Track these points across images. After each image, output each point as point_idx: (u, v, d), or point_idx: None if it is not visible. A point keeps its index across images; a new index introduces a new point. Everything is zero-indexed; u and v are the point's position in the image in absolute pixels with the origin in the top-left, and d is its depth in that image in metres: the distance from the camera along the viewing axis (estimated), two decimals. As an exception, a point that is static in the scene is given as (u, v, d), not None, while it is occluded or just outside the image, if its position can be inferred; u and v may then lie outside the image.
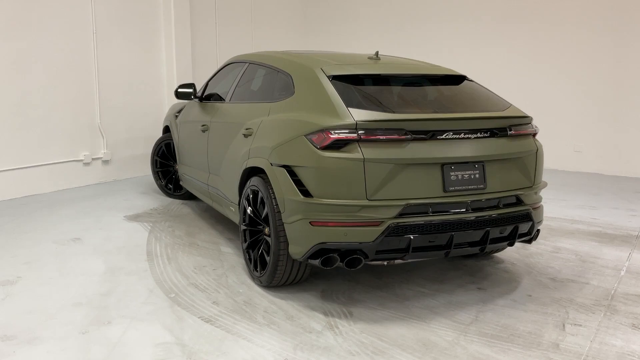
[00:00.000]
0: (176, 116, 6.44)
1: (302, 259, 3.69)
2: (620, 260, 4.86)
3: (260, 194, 4.03)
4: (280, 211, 3.77)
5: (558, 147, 9.22)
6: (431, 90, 4.23)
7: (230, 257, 4.79)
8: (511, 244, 3.95)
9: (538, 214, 4.05)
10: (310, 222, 3.57)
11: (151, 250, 4.93)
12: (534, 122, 4.17)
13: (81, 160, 7.49)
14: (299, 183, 3.64)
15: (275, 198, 3.82)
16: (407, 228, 3.51)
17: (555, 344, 3.36)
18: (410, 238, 3.51)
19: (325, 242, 3.54)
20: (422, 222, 3.53)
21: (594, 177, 8.70)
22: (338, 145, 3.50)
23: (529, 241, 4.10)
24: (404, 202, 3.51)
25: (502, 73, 9.55)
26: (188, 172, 6.02)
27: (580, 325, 3.61)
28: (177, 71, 8.48)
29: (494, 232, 3.75)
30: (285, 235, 3.77)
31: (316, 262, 3.61)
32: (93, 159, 7.64)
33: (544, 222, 5.88)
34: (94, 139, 7.65)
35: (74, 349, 3.22)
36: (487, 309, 3.85)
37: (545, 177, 8.34)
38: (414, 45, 10.28)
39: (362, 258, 3.56)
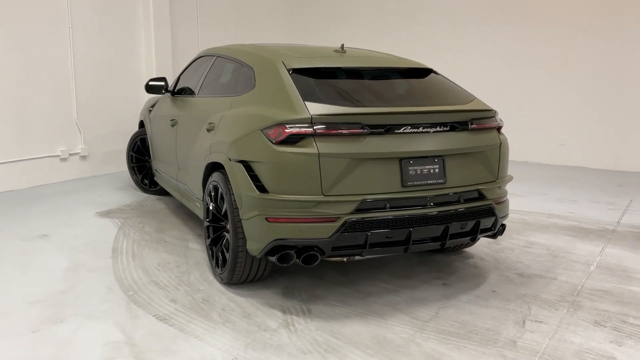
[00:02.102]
0: (150, 110, 6.37)
1: (259, 256, 3.63)
2: (592, 255, 4.81)
3: (220, 190, 3.97)
4: (238, 207, 3.71)
5: (542, 141, 9.16)
6: (394, 84, 4.16)
7: (196, 253, 4.73)
8: (473, 239, 3.89)
9: (502, 208, 3.98)
10: (266, 218, 3.50)
11: (117, 247, 4.87)
12: (499, 116, 4.11)
13: (58, 156, 7.41)
14: (255, 178, 3.57)
15: (233, 194, 3.76)
16: (364, 224, 3.45)
17: (512, 341, 3.30)
18: (367, 234, 3.45)
19: (281, 239, 3.48)
20: (379, 218, 3.47)
21: (578, 170, 8.63)
22: (294, 139, 3.44)
23: (494, 236, 4.05)
24: (360, 198, 3.45)
25: (486, 67, 9.48)
26: (160, 168, 5.96)
27: (541, 321, 3.56)
28: (157, 66, 8.39)
29: (455, 228, 3.69)
30: (243, 232, 3.71)
31: (274, 258, 3.56)
32: (70, 155, 7.55)
33: (519, 217, 5.86)
34: (71, 134, 7.57)
35: (22, 347, 3.17)
36: (449, 305, 3.79)
37: (528, 171, 8.34)
38: (406, 43, 10.11)
39: (318, 255, 3.50)
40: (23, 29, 6.91)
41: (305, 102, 3.53)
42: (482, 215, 3.80)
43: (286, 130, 3.43)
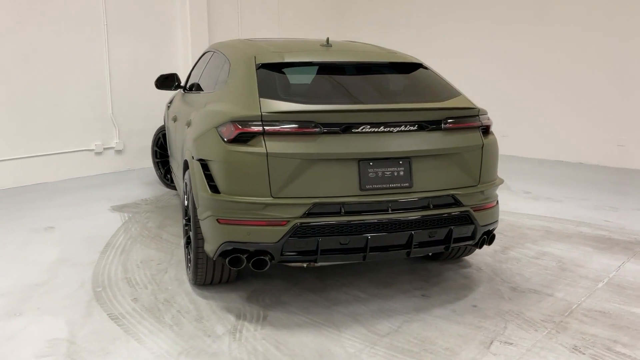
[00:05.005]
0: (168, 107, 6.40)
1: (214, 258, 3.50)
2: (608, 270, 4.32)
3: (187, 188, 3.88)
4: (196, 207, 3.61)
5: (599, 142, 8.45)
6: (370, 79, 3.90)
7: (183, 252, 4.66)
8: (447, 249, 3.56)
9: (485, 215, 3.63)
10: (217, 220, 3.37)
11: (112, 242, 4.90)
12: (486, 115, 3.73)
13: (92, 150, 7.64)
14: (209, 178, 3.44)
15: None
16: (315, 229, 3.24)
17: (467, 364, 2.99)
18: (318, 240, 3.24)
19: (230, 241, 3.33)
20: (331, 223, 3.24)
21: (637, 174, 7.88)
22: (244, 138, 3.28)
23: (478, 246, 3.71)
24: (312, 201, 3.24)
25: (546, 66, 8.89)
26: (172, 164, 5.97)
27: (512, 343, 3.20)
28: (194, 62, 8.43)
29: (421, 236, 3.40)
30: (202, 232, 3.60)
31: (226, 261, 3.42)
32: (105, 149, 7.77)
33: (543, 224, 5.42)
34: (106, 129, 7.78)
35: (-32, 340, 3.22)
36: (417, 318, 3.50)
37: (578, 173, 7.72)
38: (455, 42, 9.75)
39: (267, 260, 3.33)
40: (59, 25, 7.15)
41: (261, 99, 3.36)
42: (455, 223, 3.47)
43: (236, 128, 3.28)
